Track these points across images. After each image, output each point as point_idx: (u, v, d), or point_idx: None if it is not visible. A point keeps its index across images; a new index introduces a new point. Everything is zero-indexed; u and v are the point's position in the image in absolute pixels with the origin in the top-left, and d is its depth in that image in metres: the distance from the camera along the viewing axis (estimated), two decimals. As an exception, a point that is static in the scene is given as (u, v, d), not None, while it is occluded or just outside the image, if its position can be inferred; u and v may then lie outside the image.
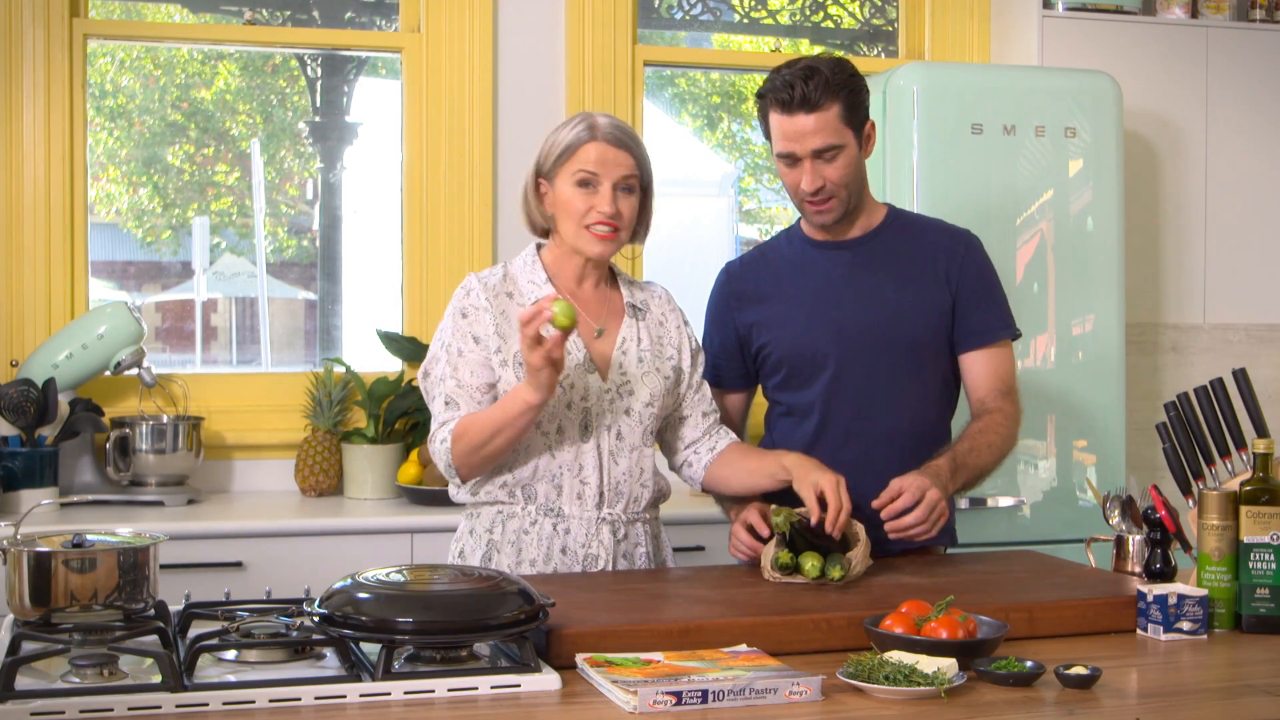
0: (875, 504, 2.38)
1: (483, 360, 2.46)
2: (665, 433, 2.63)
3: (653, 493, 2.55)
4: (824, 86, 2.49)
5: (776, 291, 2.69)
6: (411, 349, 3.81)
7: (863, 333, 2.62)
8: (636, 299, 2.59)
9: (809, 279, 2.68)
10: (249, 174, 4.35)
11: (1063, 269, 3.73)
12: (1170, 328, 4.22)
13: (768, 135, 2.60)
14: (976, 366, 2.65)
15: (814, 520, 2.35)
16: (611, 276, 2.61)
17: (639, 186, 2.50)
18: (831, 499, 2.35)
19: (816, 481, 2.37)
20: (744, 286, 2.73)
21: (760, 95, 2.58)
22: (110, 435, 3.57)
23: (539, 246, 2.59)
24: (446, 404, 2.45)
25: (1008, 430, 2.60)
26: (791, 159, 2.55)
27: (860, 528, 2.37)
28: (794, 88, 2.50)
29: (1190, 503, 2.51)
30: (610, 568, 2.48)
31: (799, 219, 2.73)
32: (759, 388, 2.81)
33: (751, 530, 2.49)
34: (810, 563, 2.32)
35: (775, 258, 2.74)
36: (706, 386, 2.64)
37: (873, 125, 2.62)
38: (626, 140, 2.47)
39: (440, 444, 2.43)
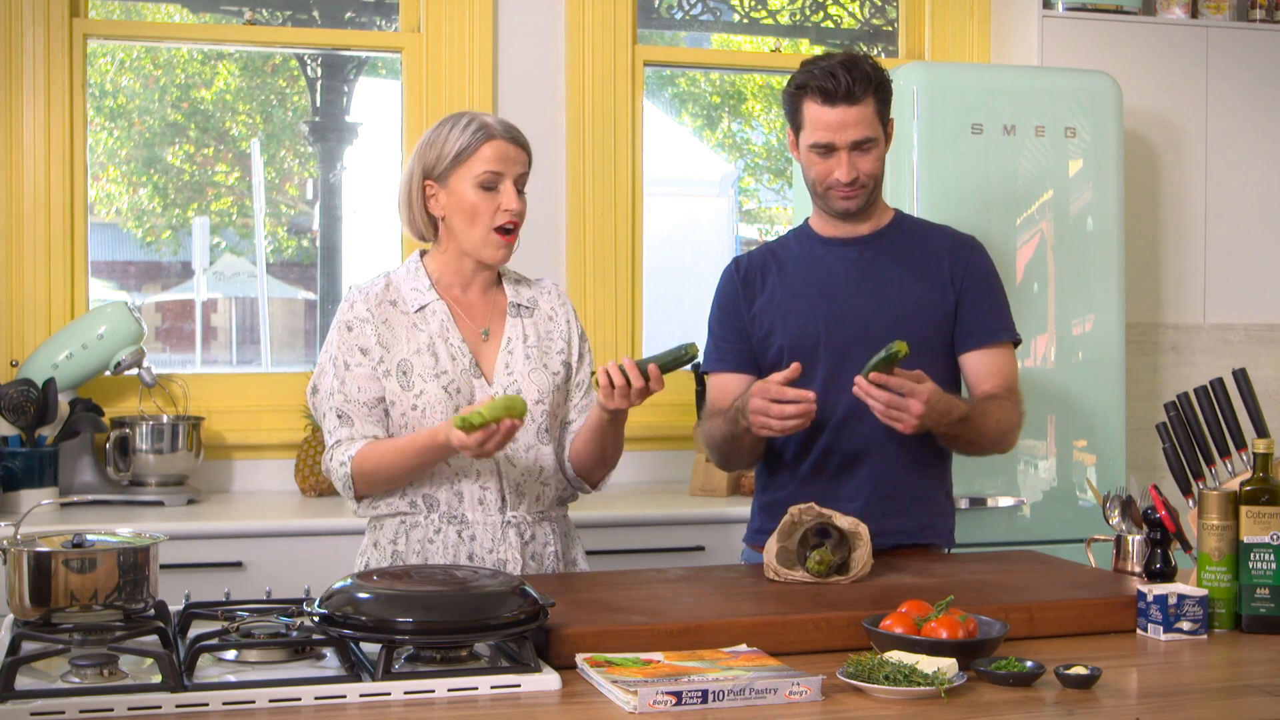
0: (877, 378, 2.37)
1: (370, 374, 2.45)
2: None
3: (555, 490, 2.54)
4: (865, 79, 2.54)
5: (782, 283, 2.71)
6: (411, 349, 3.81)
7: (864, 327, 2.62)
8: (523, 297, 2.57)
9: (814, 273, 2.69)
10: (249, 174, 4.35)
11: (1063, 269, 3.73)
12: (1170, 328, 4.22)
13: (795, 126, 2.62)
14: (978, 366, 2.65)
15: None
16: (497, 278, 2.59)
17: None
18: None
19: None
20: (752, 277, 2.74)
21: (799, 86, 2.58)
22: (110, 435, 3.57)
23: (422, 254, 2.57)
24: (340, 418, 2.44)
25: (1011, 418, 2.60)
26: (828, 149, 2.57)
27: (863, 528, 2.37)
28: (838, 79, 2.52)
29: (1190, 503, 2.51)
30: (520, 570, 2.45)
31: (805, 219, 2.75)
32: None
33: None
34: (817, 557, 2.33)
35: (783, 253, 2.76)
36: (594, 393, 2.55)
37: (893, 123, 2.66)
38: (520, 137, 2.49)
39: (340, 466, 2.42)
